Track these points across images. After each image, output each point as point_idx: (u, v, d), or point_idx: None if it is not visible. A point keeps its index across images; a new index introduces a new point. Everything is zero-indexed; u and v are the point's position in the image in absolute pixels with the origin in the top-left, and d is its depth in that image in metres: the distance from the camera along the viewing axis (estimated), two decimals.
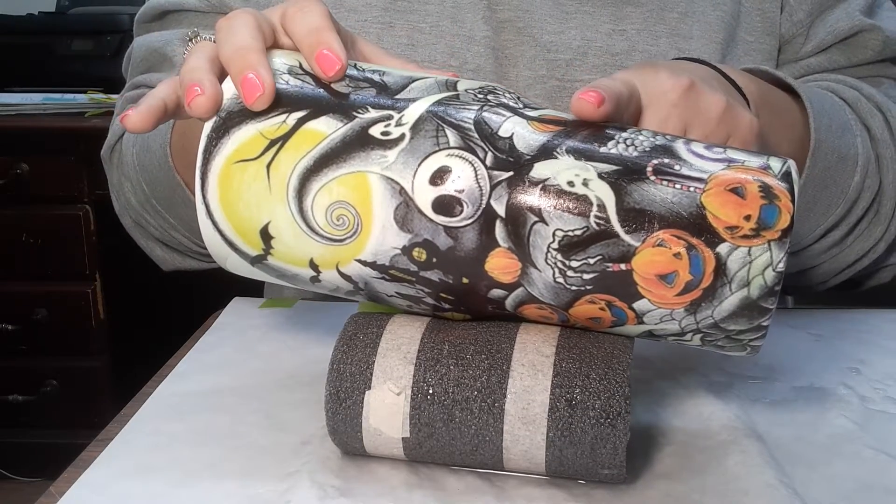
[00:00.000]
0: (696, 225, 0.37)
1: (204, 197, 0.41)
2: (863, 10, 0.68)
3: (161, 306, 1.74)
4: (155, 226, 0.69)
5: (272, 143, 0.40)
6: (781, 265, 0.37)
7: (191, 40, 0.54)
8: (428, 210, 0.39)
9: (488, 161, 0.39)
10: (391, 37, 0.67)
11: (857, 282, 0.68)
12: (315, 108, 0.41)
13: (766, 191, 0.38)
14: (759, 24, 0.68)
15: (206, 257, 0.70)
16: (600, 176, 0.38)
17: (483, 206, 0.39)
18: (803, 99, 0.57)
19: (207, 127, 0.41)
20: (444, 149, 0.39)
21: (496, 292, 0.40)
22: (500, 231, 0.39)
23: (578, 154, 0.39)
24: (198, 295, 1.07)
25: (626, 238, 0.38)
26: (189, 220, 0.65)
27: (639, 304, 0.39)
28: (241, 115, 0.41)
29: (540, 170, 0.39)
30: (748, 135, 0.45)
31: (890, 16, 0.69)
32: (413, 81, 0.42)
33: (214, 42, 0.44)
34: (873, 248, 0.63)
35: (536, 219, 0.38)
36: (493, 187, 0.39)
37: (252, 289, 0.68)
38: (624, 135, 0.40)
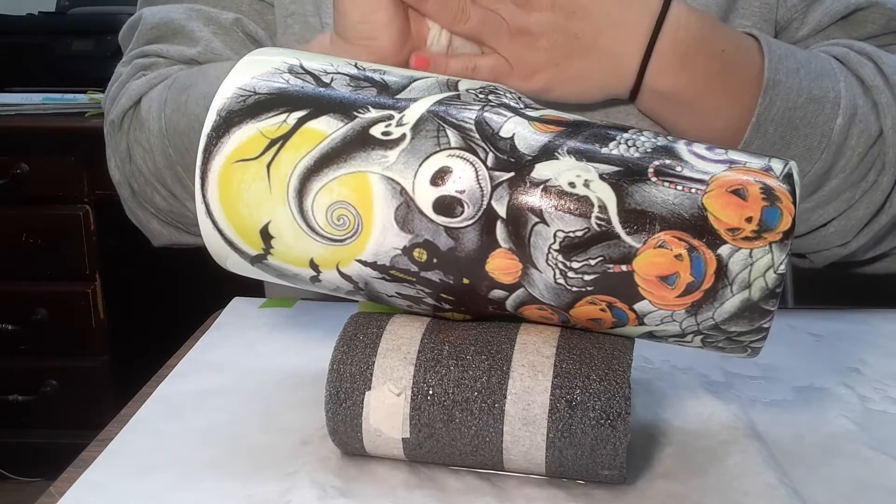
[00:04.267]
0: (698, 226, 0.37)
1: (204, 196, 0.41)
2: None
3: (161, 306, 1.74)
4: (165, 195, 0.68)
5: (273, 143, 0.40)
6: (783, 267, 0.37)
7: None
8: (429, 210, 0.39)
9: (489, 161, 0.39)
10: None
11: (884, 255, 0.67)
12: (316, 107, 0.41)
13: (767, 192, 0.38)
14: (758, 9, 0.68)
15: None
16: (601, 177, 0.38)
17: (484, 206, 0.39)
18: (761, 42, 0.58)
19: (207, 126, 0.41)
20: (445, 149, 0.39)
21: (497, 293, 0.40)
22: (500, 232, 0.39)
23: (580, 155, 0.39)
24: (198, 295, 1.06)
25: (628, 239, 0.38)
26: None
27: (640, 306, 0.39)
28: (241, 114, 0.41)
29: (541, 170, 0.39)
30: None
31: None
32: (414, 81, 0.42)
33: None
34: (887, 201, 0.61)
35: (537, 220, 0.38)
36: (494, 188, 0.39)
37: (252, 289, 0.68)
38: (625, 135, 0.40)
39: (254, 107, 0.41)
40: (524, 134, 0.40)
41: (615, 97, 0.58)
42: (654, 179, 0.38)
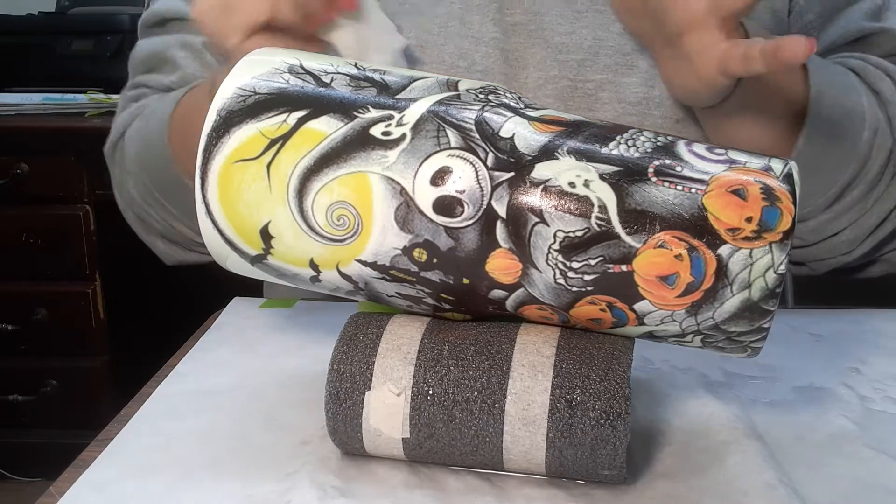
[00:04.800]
0: (698, 226, 0.37)
1: (204, 196, 0.41)
2: (872, 13, 0.68)
3: (161, 306, 1.74)
4: (157, 218, 0.71)
5: (273, 143, 0.40)
6: (783, 267, 0.37)
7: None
8: (429, 210, 0.39)
9: (489, 161, 0.39)
10: None
11: (873, 261, 0.68)
12: (316, 107, 0.41)
13: (767, 192, 0.38)
14: (771, 23, 0.68)
15: (207, 250, 0.71)
16: (601, 177, 0.38)
17: (484, 206, 0.39)
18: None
19: (207, 126, 0.41)
20: (445, 149, 0.39)
21: (497, 293, 0.40)
22: (500, 232, 0.39)
23: (580, 155, 0.39)
24: (198, 295, 1.06)
25: (628, 239, 0.38)
26: (190, 207, 0.65)
27: (640, 306, 0.39)
28: (241, 114, 0.41)
29: (541, 170, 0.39)
30: None
31: None
32: (414, 81, 0.42)
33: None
34: (894, 209, 0.62)
35: (537, 220, 0.38)
36: (494, 188, 0.39)
37: (252, 289, 0.68)
38: (625, 136, 0.40)
39: (254, 107, 0.41)
40: (524, 134, 0.40)
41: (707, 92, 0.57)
42: (654, 179, 0.38)
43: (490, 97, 0.42)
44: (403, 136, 0.40)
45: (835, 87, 0.59)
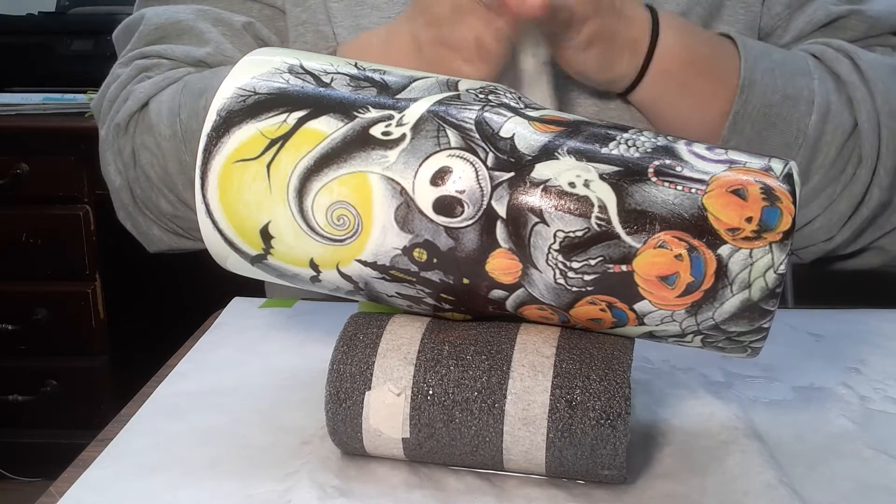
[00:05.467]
0: (698, 226, 0.37)
1: (204, 196, 0.41)
2: None
3: (161, 306, 1.74)
4: (172, 200, 0.67)
5: (273, 143, 0.40)
6: (783, 267, 0.37)
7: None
8: (429, 210, 0.39)
9: (489, 161, 0.39)
10: None
11: (864, 249, 0.68)
12: (316, 107, 0.41)
13: (767, 192, 0.38)
14: (743, 16, 0.69)
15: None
16: (601, 177, 0.38)
17: (484, 206, 0.39)
18: (738, 44, 0.61)
19: (207, 126, 0.41)
20: (445, 149, 0.39)
21: (497, 293, 0.40)
22: (500, 232, 0.39)
23: (580, 155, 0.39)
24: (198, 295, 1.07)
25: (628, 239, 0.38)
26: None
27: (640, 306, 0.39)
28: (241, 114, 0.41)
29: (541, 170, 0.39)
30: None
31: None
32: (414, 81, 0.42)
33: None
34: (867, 193, 0.62)
35: (537, 220, 0.38)
36: (494, 188, 0.39)
37: (252, 289, 0.68)
38: (625, 135, 0.40)
39: (254, 107, 0.41)
40: (524, 134, 0.40)
41: (616, 82, 0.61)
42: (654, 179, 0.38)
43: (490, 97, 0.42)
44: (403, 136, 0.40)
45: (773, 74, 0.60)
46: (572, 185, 0.38)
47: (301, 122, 0.40)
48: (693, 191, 0.38)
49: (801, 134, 0.60)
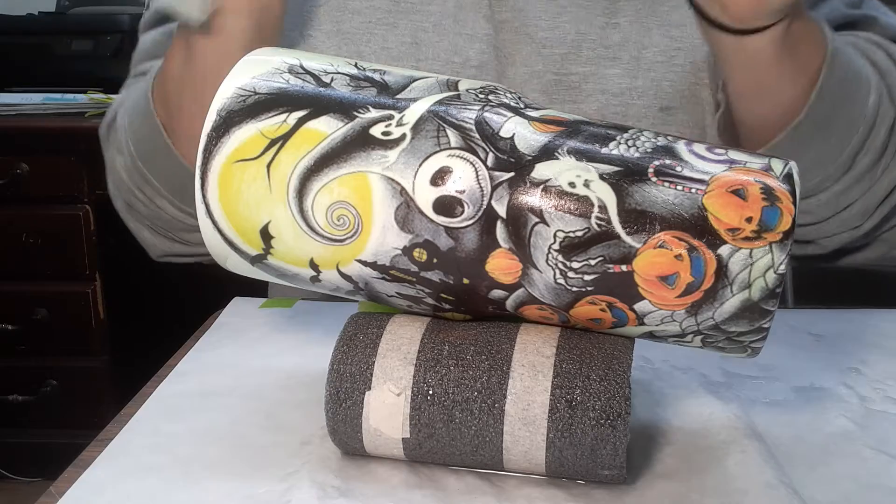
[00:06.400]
0: (698, 226, 0.37)
1: (204, 196, 0.41)
2: (852, 2, 0.69)
3: (161, 306, 1.74)
4: (143, 200, 0.69)
5: (272, 143, 0.40)
6: (783, 267, 0.37)
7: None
8: (429, 210, 0.39)
9: (489, 161, 0.39)
10: (395, 36, 0.69)
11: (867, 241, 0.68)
12: (316, 107, 0.41)
13: (767, 192, 0.38)
14: None
15: (192, 242, 0.70)
16: (602, 177, 0.38)
17: (484, 206, 0.39)
18: (814, 18, 0.58)
19: (207, 126, 0.41)
20: (445, 149, 0.39)
21: (497, 293, 0.40)
22: (500, 232, 0.39)
23: (580, 155, 0.39)
24: (198, 295, 1.06)
25: (628, 239, 0.38)
26: (169, 174, 0.65)
27: (640, 306, 0.39)
28: (241, 114, 0.41)
29: (541, 170, 0.39)
30: None
31: (877, 5, 0.70)
32: (414, 81, 0.42)
33: None
34: None
35: (537, 220, 0.38)
36: (494, 188, 0.39)
37: (252, 289, 0.68)
38: (625, 135, 0.40)
39: (254, 107, 0.41)
40: (524, 134, 0.40)
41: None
42: (654, 179, 0.38)
43: (490, 97, 0.42)
44: (403, 136, 0.40)
45: (845, 50, 0.59)
46: (572, 185, 0.38)
47: (301, 122, 0.40)
48: (693, 191, 0.38)
49: (863, 112, 0.60)
